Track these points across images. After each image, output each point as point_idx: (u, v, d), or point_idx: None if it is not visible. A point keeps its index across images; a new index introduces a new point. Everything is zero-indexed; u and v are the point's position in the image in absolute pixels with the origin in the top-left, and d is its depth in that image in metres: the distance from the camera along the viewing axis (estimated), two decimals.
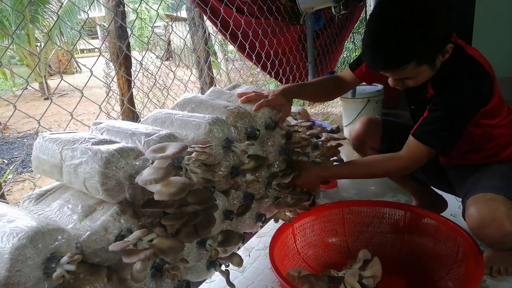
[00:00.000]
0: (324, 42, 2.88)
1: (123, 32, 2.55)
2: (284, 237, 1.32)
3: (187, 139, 1.01)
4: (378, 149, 1.54)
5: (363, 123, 1.56)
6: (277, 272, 1.08)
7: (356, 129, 1.57)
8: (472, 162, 1.34)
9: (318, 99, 1.56)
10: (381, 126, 1.54)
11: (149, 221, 0.86)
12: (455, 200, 1.68)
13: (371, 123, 1.56)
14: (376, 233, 1.45)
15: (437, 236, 1.31)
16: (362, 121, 1.58)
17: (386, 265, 1.23)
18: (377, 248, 1.41)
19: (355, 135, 1.58)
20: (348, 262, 1.31)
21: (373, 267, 1.23)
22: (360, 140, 1.57)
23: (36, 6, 7.94)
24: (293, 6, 2.40)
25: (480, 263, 1.07)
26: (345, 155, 2.69)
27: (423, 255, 1.34)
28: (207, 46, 3.33)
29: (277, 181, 1.29)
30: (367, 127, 1.55)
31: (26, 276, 0.63)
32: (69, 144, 0.84)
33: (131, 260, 0.71)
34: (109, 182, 0.77)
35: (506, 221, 1.06)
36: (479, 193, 1.15)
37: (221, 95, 1.32)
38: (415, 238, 1.38)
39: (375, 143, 1.54)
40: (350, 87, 1.59)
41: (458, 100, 1.13)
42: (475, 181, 1.25)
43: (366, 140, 1.56)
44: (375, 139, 1.54)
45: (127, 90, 2.80)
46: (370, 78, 1.47)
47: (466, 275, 1.13)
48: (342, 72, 1.53)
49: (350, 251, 1.44)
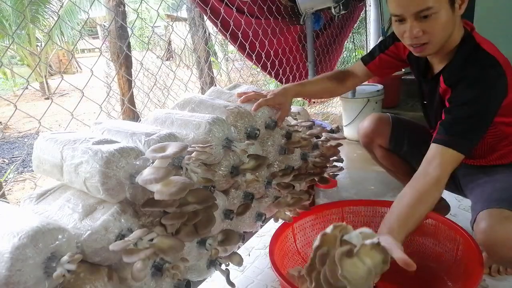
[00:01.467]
0: (324, 42, 2.88)
1: (123, 32, 2.55)
2: (284, 236, 1.32)
3: (187, 138, 1.01)
4: (386, 147, 1.53)
5: (372, 121, 1.53)
6: (277, 271, 1.08)
7: (365, 127, 1.54)
8: (483, 162, 1.30)
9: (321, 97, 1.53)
10: (390, 124, 1.51)
11: (150, 220, 0.86)
12: (455, 200, 1.68)
13: (381, 120, 1.53)
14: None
15: (436, 236, 1.31)
16: (372, 118, 1.54)
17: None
18: None
19: (364, 133, 1.55)
20: None
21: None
22: (368, 137, 1.55)
23: (36, 6, 7.94)
24: (293, 6, 2.40)
25: (480, 263, 1.07)
26: (345, 155, 2.69)
27: (422, 254, 1.34)
28: (208, 46, 3.33)
29: (277, 181, 1.29)
30: (376, 125, 1.52)
31: (26, 275, 0.63)
32: (70, 143, 0.84)
33: (132, 260, 0.72)
34: (110, 182, 0.77)
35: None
36: (493, 207, 1.07)
37: (221, 95, 1.32)
38: (414, 238, 1.38)
39: (383, 141, 1.52)
40: (358, 82, 1.50)
41: (478, 95, 1.03)
42: (486, 186, 1.20)
43: (374, 138, 1.53)
44: (383, 137, 1.51)
45: (128, 90, 2.80)
46: (382, 71, 1.44)
47: (466, 275, 1.13)
48: (352, 66, 1.49)
49: None
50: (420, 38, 1.07)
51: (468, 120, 1.05)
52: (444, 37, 1.09)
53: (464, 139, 1.04)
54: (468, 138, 1.05)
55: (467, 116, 1.05)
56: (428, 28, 1.04)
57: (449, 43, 1.12)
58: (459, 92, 1.08)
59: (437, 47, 1.11)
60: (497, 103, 1.07)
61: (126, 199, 0.83)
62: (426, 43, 1.08)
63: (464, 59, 1.11)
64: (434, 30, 1.05)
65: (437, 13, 1.02)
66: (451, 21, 1.05)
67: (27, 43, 8.42)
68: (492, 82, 1.05)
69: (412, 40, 1.09)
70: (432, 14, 1.02)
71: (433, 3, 1.01)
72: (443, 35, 1.07)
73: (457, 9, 1.05)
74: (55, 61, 11.62)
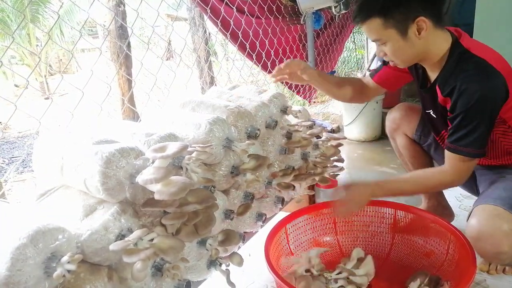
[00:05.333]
0: (324, 42, 2.88)
1: (123, 31, 2.55)
2: (278, 237, 1.30)
3: (187, 138, 1.01)
4: (411, 136, 1.55)
5: (403, 108, 1.56)
6: (273, 271, 1.08)
7: (394, 113, 1.57)
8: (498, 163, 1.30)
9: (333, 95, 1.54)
10: (420, 114, 1.52)
11: (150, 220, 0.86)
12: (455, 200, 1.68)
13: (411, 109, 1.56)
14: (367, 232, 1.44)
15: (427, 234, 1.31)
16: (402, 106, 1.58)
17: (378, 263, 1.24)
18: (368, 246, 1.41)
19: (392, 118, 1.57)
20: (341, 261, 1.31)
21: (366, 266, 1.23)
22: (395, 124, 1.56)
23: (36, 6, 7.94)
24: (293, 6, 2.40)
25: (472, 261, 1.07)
26: (346, 155, 2.69)
27: (414, 252, 1.34)
28: (208, 45, 3.33)
29: (277, 181, 1.29)
30: (406, 112, 1.54)
31: (26, 275, 0.63)
32: (70, 143, 0.84)
33: (132, 260, 0.71)
34: (110, 182, 0.77)
35: (505, 240, 1.04)
36: (490, 203, 1.12)
37: (222, 95, 1.32)
38: (405, 236, 1.38)
39: (409, 130, 1.54)
40: (372, 94, 1.55)
41: (473, 101, 1.08)
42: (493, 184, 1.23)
43: (401, 125, 1.55)
44: (411, 126, 1.53)
45: (128, 90, 2.80)
46: (390, 83, 1.48)
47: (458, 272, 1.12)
48: (365, 80, 1.54)
49: (341, 250, 1.44)
50: (386, 57, 1.22)
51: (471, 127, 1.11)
52: (407, 57, 1.19)
53: (471, 145, 1.12)
54: (477, 143, 1.12)
55: (469, 123, 1.11)
56: (386, 51, 1.19)
57: (432, 55, 1.19)
58: (456, 101, 1.13)
59: (406, 64, 1.24)
60: (495, 101, 1.10)
61: (126, 199, 0.83)
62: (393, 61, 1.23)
63: (453, 67, 1.15)
64: (390, 54, 1.19)
65: (387, 42, 1.16)
66: (405, 47, 1.15)
67: (27, 43, 8.42)
68: (484, 84, 1.08)
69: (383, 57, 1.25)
70: (384, 43, 1.17)
71: (380, 36, 1.16)
72: (402, 57, 1.20)
73: (412, 37, 1.13)
74: (55, 60, 11.60)
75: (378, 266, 1.27)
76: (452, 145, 1.15)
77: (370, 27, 1.15)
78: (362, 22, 1.16)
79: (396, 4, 1.09)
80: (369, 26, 1.15)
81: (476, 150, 1.12)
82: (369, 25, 1.15)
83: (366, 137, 2.98)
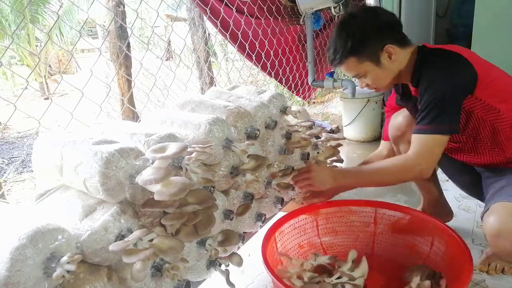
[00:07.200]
0: (324, 42, 2.88)
1: (123, 32, 2.55)
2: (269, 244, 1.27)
3: (187, 139, 1.01)
4: None
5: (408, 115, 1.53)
6: (270, 270, 1.07)
7: (400, 120, 1.54)
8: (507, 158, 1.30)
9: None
10: None
11: (149, 221, 0.86)
12: (455, 200, 1.68)
13: None
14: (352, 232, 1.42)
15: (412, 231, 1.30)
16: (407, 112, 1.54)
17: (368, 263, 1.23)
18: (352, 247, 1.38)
19: (398, 125, 1.54)
20: (336, 264, 1.30)
21: (362, 267, 1.23)
22: (400, 131, 1.53)
23: (36, 6, 7.93)
24: (293, 6, 2.40)
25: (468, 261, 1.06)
26: (345, 155, 2.70)
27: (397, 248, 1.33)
28: (207, 46, 3.33)
29: (276, 181, 1.29)
30: (412, 120, 1.49)
31: (26, 275, 0.63)
32: (69, 144, 0.84)
33: (131, 260, 0.71)
34: (109, 182, 0.77)
35: None
36: (507, 200, 1.12)
37: (221, 95, 1.32)
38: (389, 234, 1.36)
39: None
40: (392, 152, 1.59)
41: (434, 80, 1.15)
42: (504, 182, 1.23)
43: (406, 132, 1.50)
44: None
45: (127, 90, 2.80)
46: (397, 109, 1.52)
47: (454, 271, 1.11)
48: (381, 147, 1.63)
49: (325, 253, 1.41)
50: (369, 87, 1.32)
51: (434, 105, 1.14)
52: (387, 81, 1.29)
53: (432, 122, 1.15)
54: (438, 120, 1.14)
55: (431, 102, 1.15)
56: (367, 82, 1.29)
57: (406, 70, 1.26)
58: (422, 88, 1.19)
59: (388, 87, 1.36)
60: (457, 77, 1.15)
61: (126, 199, 0.83)
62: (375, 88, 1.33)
63: (420, 63, 1.23)
64: (371, 82, 1.29)
65: (366, 74, 1.26)
66: (383, 73, 1.26)
67: (26, 43, 8.41)
68: (445, 66, 1.16)
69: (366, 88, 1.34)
70: (363, 75, 1.27)
71: (358, 71, 1.26)
72: (382, 83, 1.29)
73: (386, 63, 1.23)
74: (54, 61, 11.60)
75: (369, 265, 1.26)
76: (415, 128, 1.19)
77: (348, 66, 1.26)
78: (339, 64, 1.26)
79: (361, 43, 1.20)
80: (347, 66, 1.26)
81: (437, 126, 1.14)
82: (346, 65, 1.25)
83: (365, 137, 2.98)
